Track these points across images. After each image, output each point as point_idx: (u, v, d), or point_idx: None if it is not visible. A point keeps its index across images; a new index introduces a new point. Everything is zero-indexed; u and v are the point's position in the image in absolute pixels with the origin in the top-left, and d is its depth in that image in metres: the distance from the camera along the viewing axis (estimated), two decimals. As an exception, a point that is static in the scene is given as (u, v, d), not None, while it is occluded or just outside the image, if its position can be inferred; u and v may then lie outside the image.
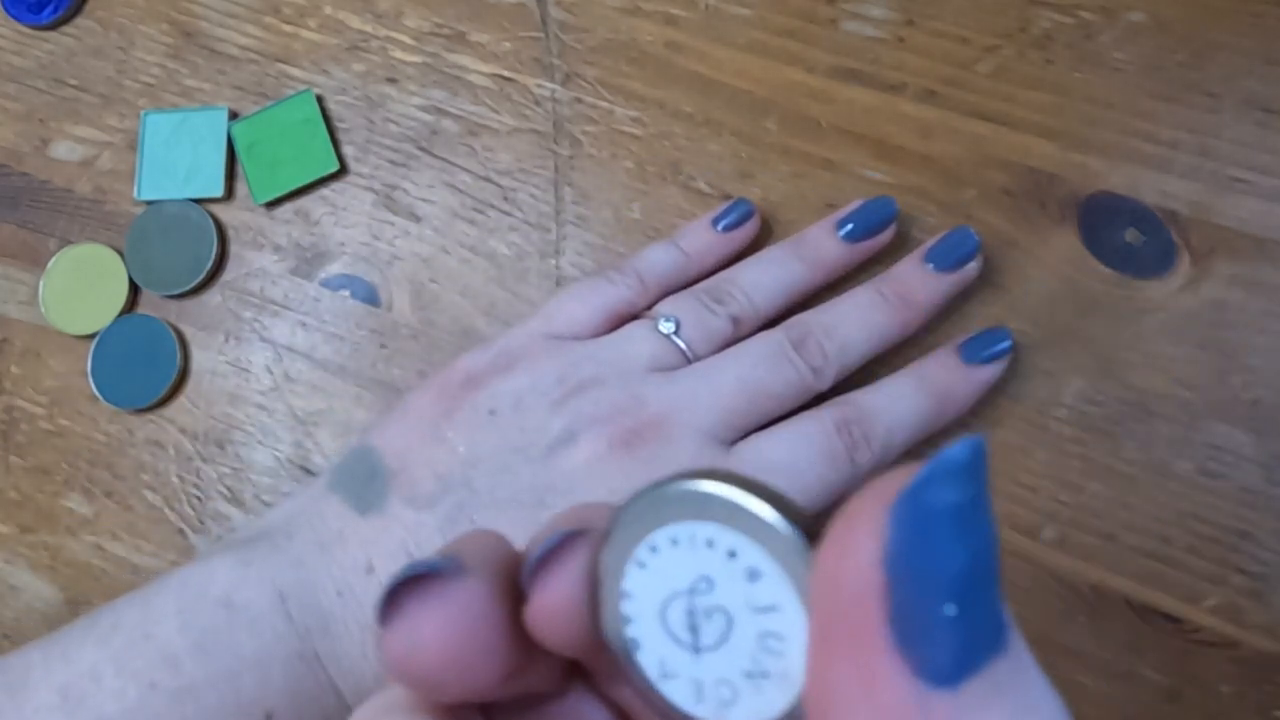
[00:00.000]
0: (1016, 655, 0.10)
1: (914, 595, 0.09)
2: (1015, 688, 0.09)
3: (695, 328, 0.28)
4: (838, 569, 0.10)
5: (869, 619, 0.10)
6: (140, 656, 0.24)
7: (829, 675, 0.10)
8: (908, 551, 0.09)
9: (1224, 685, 0.27)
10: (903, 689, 0.09)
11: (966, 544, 0.09)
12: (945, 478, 0.10)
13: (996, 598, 0.10)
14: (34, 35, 0.38)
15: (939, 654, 0.09)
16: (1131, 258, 0.30)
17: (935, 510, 0.09)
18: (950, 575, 0.09)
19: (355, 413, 0.33)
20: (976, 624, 0.09)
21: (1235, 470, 0.28)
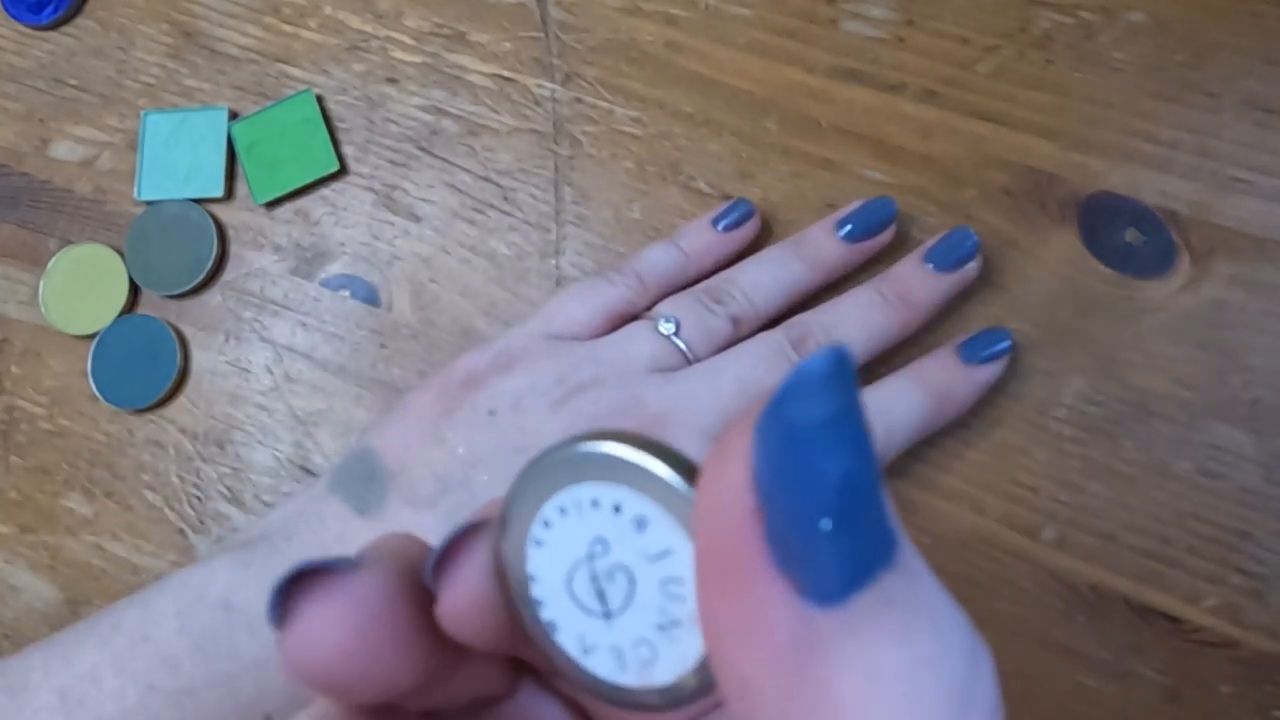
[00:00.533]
0: (906, 567, 0.09)
1: (787, 515, 0.09)
2: (906, 600, 0.09)
3: (695, 328, 0.28)
4: (711, 498, 0.10)
5: (746, 544, 0.09)
6: (140, 658, 0.24)
7: (715, 607, 0.10)
8: (774, 471, 0.09)
9: (1224, 685, 0.27)
10: (788, 611, 0.09)
11: (835, 457, 0.09)
12: (804, 391, 0.09)
13: (880, 511, 0.09)
14: (34, 35, 0.38)
15: (820, 572, 0.09)
16: (1131, 258, 0.30)
17: (797, 426, 0.09)
18: (821, 491, 0.09)
19: (355, 413, 0.33)
20: (858, 539, 0.09)
21: (1235, 470, 0.28)
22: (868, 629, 0.09)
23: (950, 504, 0.29)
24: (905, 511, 0.29)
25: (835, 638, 0.09)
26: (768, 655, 0.09)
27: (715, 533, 0.10)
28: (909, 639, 0.09)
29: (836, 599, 0.09)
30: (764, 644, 0.09)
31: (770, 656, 0.09)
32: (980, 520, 0.29)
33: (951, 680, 0.09)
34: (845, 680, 0.09)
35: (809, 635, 0.09)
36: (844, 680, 0.09)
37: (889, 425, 0.27)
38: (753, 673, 0.09)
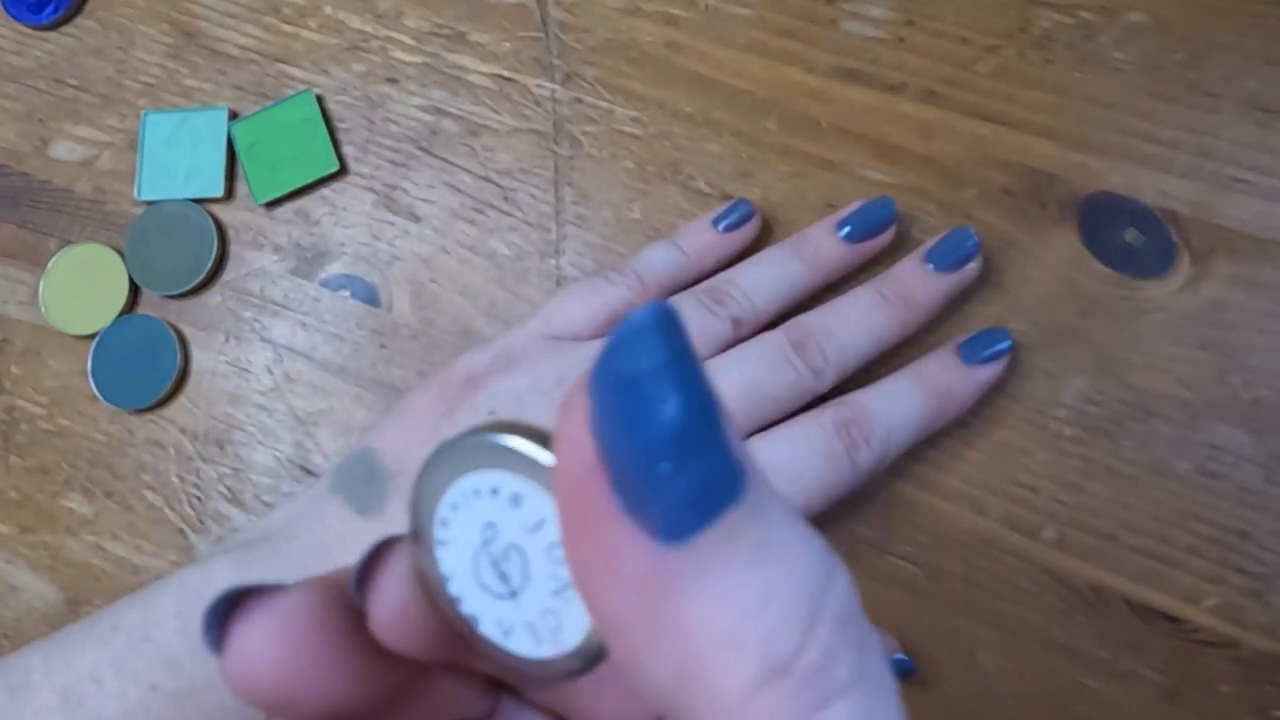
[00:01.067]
0: (755, 502, 0.10)
1: (627, 463, 0.10)
2: (752, 532, 0.10)
3: (695, 329, 0.28)
4: (561, 456, 0.10)
5: (595, 494, 0.10)
6: (141, 658, 0.24)
7: (578, 557, 0.10)
8: (609, 422, 0.10)
9: (1224, 685, 0.27)
10: (639, 551, 0.10)
11: (665, 404, 0.10)
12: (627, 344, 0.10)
13: (722, 450, 0.10)
14: (34, 35, 0.38)
15: (665, 513, 0.10)
16: (1131, 258, 0.30)
17: (624, 378, 0.10)
18: (654, 437, 0.09)
19: (355, 413, 0.33)
20: (697, 479, 0.10)
21: (1235, 470, 0.28)
22: (715, 562, 0.10)
23: (950, 504, 0.29)
24: (905, 511, 0.29)
25: (685, 572, 0.10)
26: (627, 594, 0.10)
27: (567, 488, 0.10)
28: (754, 567, 0.10)
29: (684, 537, 0.10)
30: (623, 584, 0.10)
31: (630, 595, 0.10)
32: (980, 520, 0.29)
33: (797, 599, 0.10)
34: (697, 609, 0.10)
35: (662, 572, 0.10)
36: (696, 609, 0.10)
37: (889, 425, 0.27)
38: (617, 612, 0.10)
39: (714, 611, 0.10)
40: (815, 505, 0.26)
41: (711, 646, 0.10)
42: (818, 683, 0.10)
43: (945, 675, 0.28)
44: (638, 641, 0.10)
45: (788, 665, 0.10)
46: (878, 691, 0.10)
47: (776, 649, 0.10)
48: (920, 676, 0.28)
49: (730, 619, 0.10)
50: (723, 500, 0.10)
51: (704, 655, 0.10)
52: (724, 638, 0.10)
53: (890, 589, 0.29)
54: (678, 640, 0.10)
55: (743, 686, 0.10)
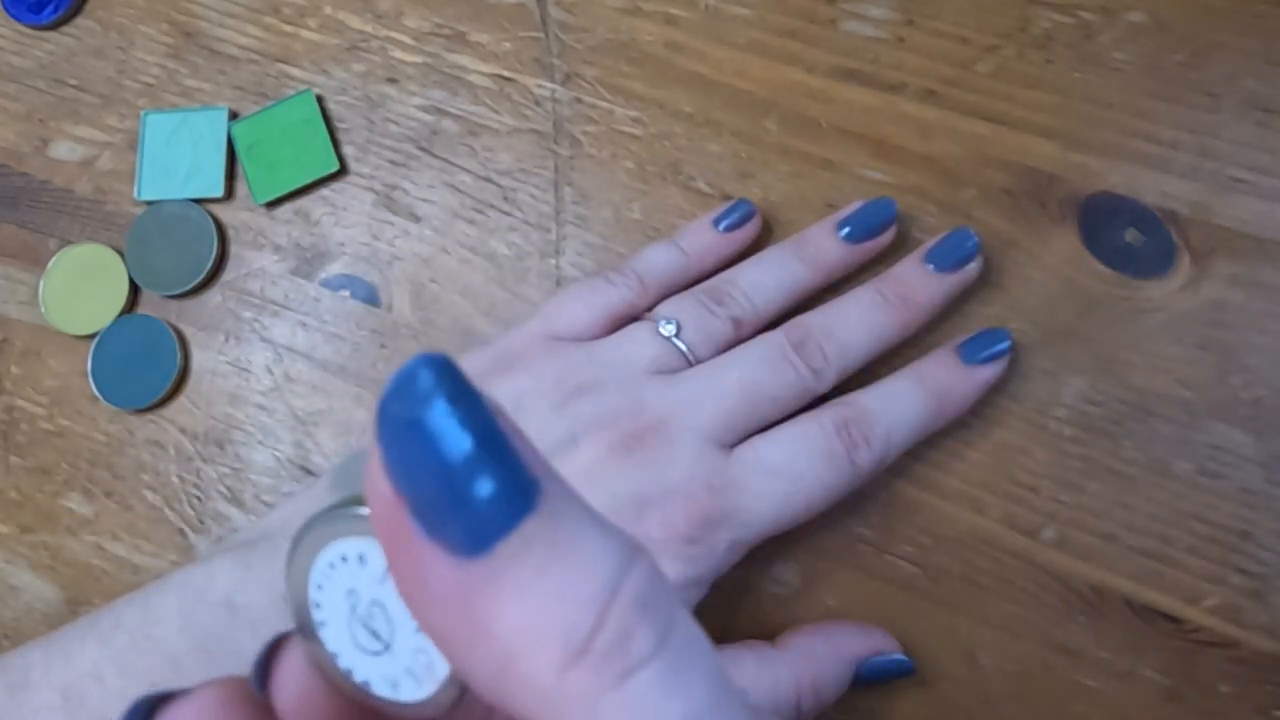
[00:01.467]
0: (550, 510, 0.11)
1: (417, 494, 0.11)
2: (548, 538, 0.11)
3: (696, 330, 0.28)
4: (369, 499, 0.11)
5: (399, 525, 0.11)
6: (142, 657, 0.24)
7: (401, 585, 0.12)
8: (395, 461, 0.11)
9: (1224, 685, 0.27)
10: (443, 568, 0.11)
11: (441, 439, 0.11)
12: (400, 391, 0.11)
13: (510, 467, 0.11)
14: (34, 35, 0.38)
15: (461, 533, 0.11)
16: (1131, 258, 0.30)
17: (400, 421, 0.11)
18: (434, 470, 0.11)
19: (355, 413, 0.33)
20: (486, 499, 0.11)
21: (1235, 470, 0.28)
22: (514, 567, 0.11)
23: (950, 504, 0.29)
24: (905, 511, 0.29)
25: (488, 580, 0.11)
26: (442, 609, 0.11)
27: (379, 526, 0.11)
28: (550, 567, 0.11)
29: (481, 550, 0.11)
30: (436, 600, 0.11)
31: (444, 610, 0.11)
32: (980, 520, 0.29)
33: (591, 589, 0.11)
34: (502, 611, 0.11)
35: (467, 584, 0.11)
36: (501, 612, 0.11)
37: (889, 425, 0.27)
38: (438, 626, 0.11)
39: (517, 610, 0.11)
40: (815, 505, 0.26)
41: (518, 641, 0.11)
42: (617, 657, 0.11)
43: (945, 675, 0.28)
44: (459, 648, 0.11)
45: (586, 646, 0.11)
46: (685, 655, 0.11)
47: (574, 634, 0.11)
48: (920, 676, 0.28)
49: (531, 614, 0.11)
50: (517, 513, 0.11)
51: (513, 650, 0.11)
52: (528, 631, 0.11)
53: (890, 589, 0.29)
54: (489, 641, 0.11)
55: (550, 671, 0.11)
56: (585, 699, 0.11)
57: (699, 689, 0.11)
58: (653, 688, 0.11)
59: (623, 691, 0.11)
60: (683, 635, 0.11)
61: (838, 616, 0.29)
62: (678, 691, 0.11)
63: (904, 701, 0.28)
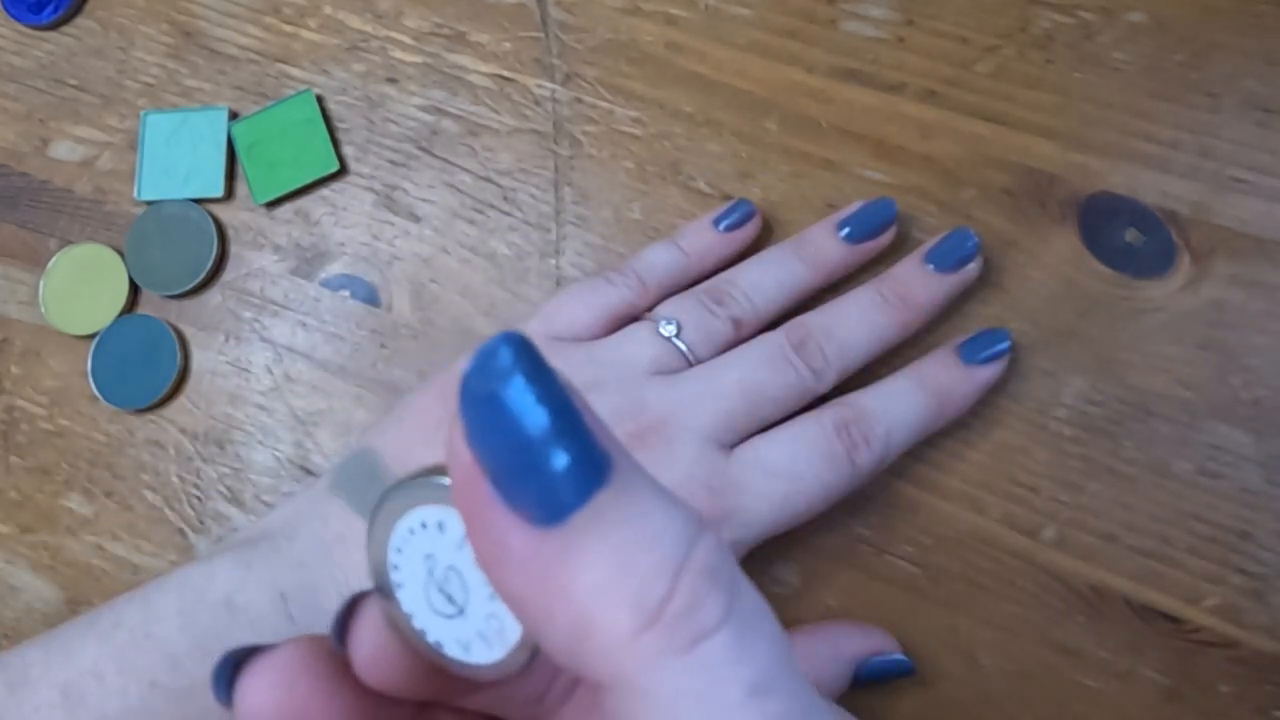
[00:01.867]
0: (622, 484, 0.12)
1: (497, 465, 0.11)
2: (620, 509, 0.11)
3: (696, 330, 0.28)
4: (452, 468, 0.12)
5: (479, 494, 0.12)
6: (142, 655, 0.24)
7: (480, 551, 0.12)
8: (476, 434, 0.12)
9: (1224, 685, 0.27)
10: (521, 535, 0.11)
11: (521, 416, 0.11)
12: (481, 368, 0.12)
13: (584, 443, 0.12)
14: (34, 35, 0.38)
15: (537, 503, 0.11)
16: (1131, 258, 0.30)
17: (480, 398, 0.12)
18: (513, 443, 0.11)
19: (355, 413, 0.33)
20: (563, 470, 0.11)
21: (1235, 470, 0.28)
22: (588, 536, 0.11)
23: (950, 504, 0.29)
24: (905, 511, 0.29)
25: (563, 547, 0.11)
26: (520, 575, 0.12)
27: (460, 495, 0.12)
28: (622, 537, 0.11)
29: (557, 520, 0.11)
30: (514, 566, 0.12)
31: (523, 575, 0.12)
32: (980, 520, 0.29)
33: (661, 558, 0.11)
34: (578, 576, 0.11)
35: (544, 551, 0.11)
36: (577, 576, 0.11)
37: (889, 426, 0.27)
38: (515, 590, 0.12)
39: (591, 577, 0.11)
40: (815, 505, 0.26)
41: (593, 606, 0.11)
42: (688, 624, 0.11)
43: (945, 675, 0.28)
44: (535, 612, 0.12)
45: (659, 612, 0.11)
46: (751, 624, 0.12)
47: (646, 600, 0.11)
48: (920, 676, 0.28)
49: (605, 580, 0.11)
50: (590, 485, 0.11)
51: (588, 613, 0.11)
52: (602, 596, 0.11)
53: (890, 589, 0.29)
54: (566, 605, 0.11)
55: (623, 633, 0.11)
56: (657, 662, 0.11)
57: (764, 655, 0.12)
58: (721, 653, 0.11)
59: (693, 656, 0.11)
60: (748, 604, 0.12)
61: (838, 616, 0.29)
62: (745, 657, 0.11)
63: (904, 701, 0.28)
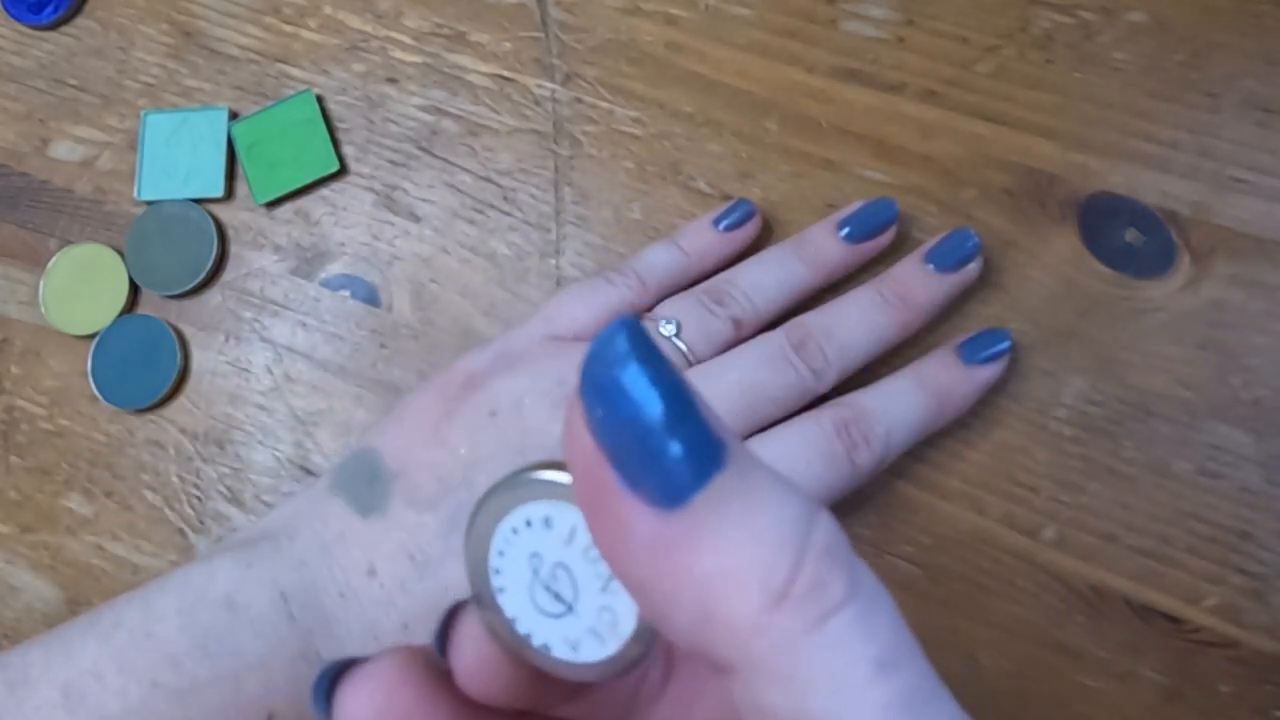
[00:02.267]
0: (739, 467, 0.12)
1: (619, 449, 0.12)
2: (739, 491, 0.12)
3: (696, 330, 0.28)
4: (569, 453, 0.12)
5: (601, 478, 0.12)
6: (142, 655, 0.24)
7: (601, 538, 0.12)
8: (599, 419, 0.12)
9: (1224, 685, 0.27)
10: (645, 519, 0.12)
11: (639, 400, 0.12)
12: (601, 353, 0.12)
13: (699, 427, 0.12)
14: (34, 35, 0.38)
15: (660, 485, 0.11)
16: (1131, 258, 0.30)
17: (601, 384, 0.12)
18: (635, 427, 0.12)
19: (355, 413, 0.33)
20: (682, 453, 0.11)
21: (1235, 470, 0.28)
22: (711, 518, 0.11)
23: (950, 504, 0.29)
24: (905, 511, 0.29)
25: (687, 530, 0.11)
26: (643, 558, 0.12)
27: (580, 480, 0.12)
28: (745, 518, 0.11)
29: (680, 502, 0.11)
30: (638, 550, 0.12)
31: (645, 558, 0.12)
32: (980, 520, 0.29)
33: (784, 538, 0.11)
34: (703, 559, 0.11)
35: (667, 533, 0.11)
36: (702, 559, 0.11)
37: (889, 425, 0.27)
38: (639, 576, 0.12)
39: (716, 558, 0.11)
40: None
41: (720, 587, 0.11)
42: (815, 602, 0.11)
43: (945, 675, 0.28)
44: (660, 597, 0.12)
45: (786, 591, 0.11)
46: (873, 603, 0.12)
47: (773, 580, 0.11)
48: (920, 676, 0.28)
49: (731, 562, 0.11)
50: (709, 468, 0.12)
51: (715, 596, 0.11)
52: (728, 578, 0.11)
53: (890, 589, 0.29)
54: (691, 588, 0.11)
55: (752, 614, 0.11)
56: (787, 640, 0.11)
57: (887, 633, 0.12)
58: (849, 630, 0.11)
59: (822, 634, 0.11)
60: (868, 583, 0.12)
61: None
62: (870, 635, 0.12)
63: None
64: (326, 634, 0.25)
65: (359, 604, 0.26)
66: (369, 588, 0.26)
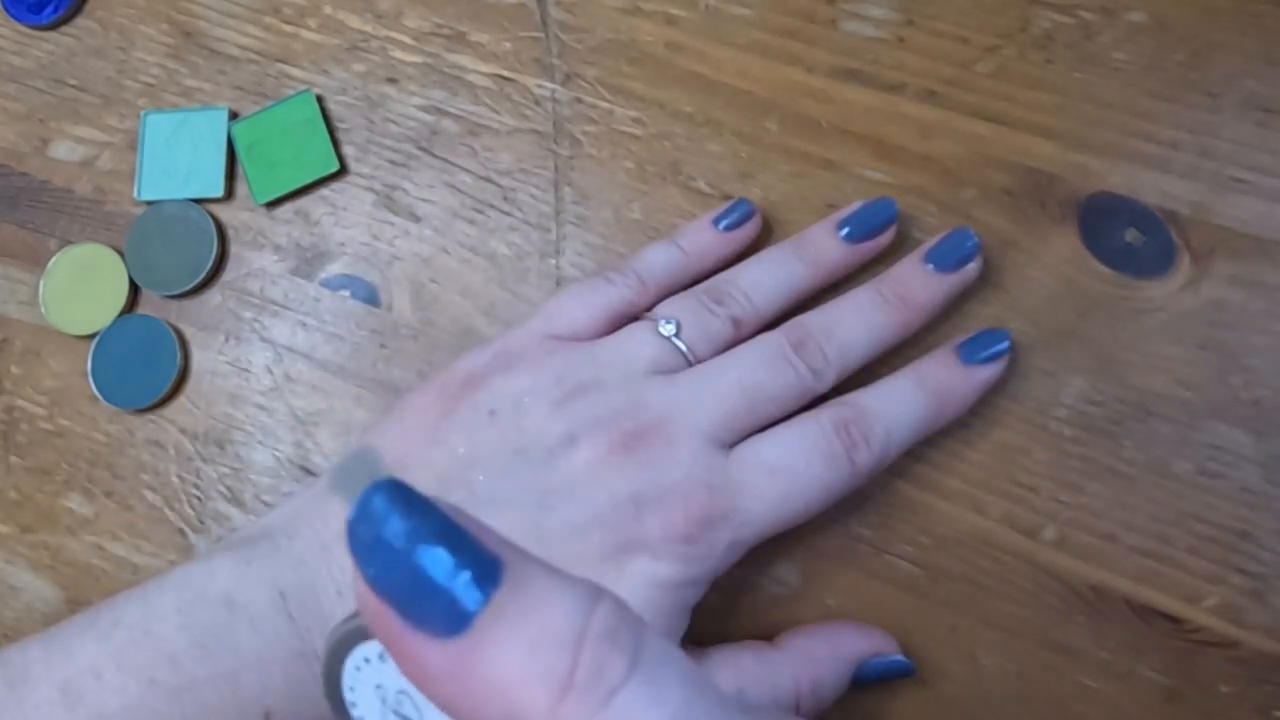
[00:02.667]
0: (515, 579, 0.13)
1: (393, 596, 0.13)
2: (517, 602, 0.13)
3: (696, 329, 0.28)
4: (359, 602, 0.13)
5: (390, 625, 0.13)
6: (140, 653, 0.24)
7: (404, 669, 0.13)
8: (369, 573, 0.13)
9: (1224, 685, 0.27)
10: (433, 650, 0.13)
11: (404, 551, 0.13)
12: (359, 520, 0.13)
13: (471, 555, 0.13)
14: (34, 35, 0.38)
15: (438, 619, 0.12)
16: (1131, 258, 0.30)
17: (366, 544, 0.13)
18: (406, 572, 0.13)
19: (355, 413, 0.33)
20: (457, 585, 0.12)
21: (1235, 470, 0.28)
22: (492, 635, 0.12)
23: (950, 504, 0.29)
24: (905, 511, 0.29)
25: (473, 651, 0.12)
26: (443, 683, 0.13)
27: (375, 627, 0.13)
28: (523, 627, 0.12)
29: (462, 629, 0.12)
30: (437, 677, 0.13)
31: (445, 683, 0.13)
32: (980, 520, 0.29)
33: (560, 635, 0.12)
34: (492, 674, 0.12)
35: (459, 658, 0.12)
36: (491, 674, 0.12)
37: (888, 425, 0.27)
38: (448, 700, 0.13)
39: (504, 669, 0.12)
40: (814, 505, 0.26)
41: (514, 693, 0.12)
42: (597, 685, 0.12)
43: (945, 675, 0.28)
44: (470, 712, 0.13)
45: (569, 682, 0.12)
46: (655, 670, 0.13)
47: (555, 674, 0.12)
48: (920, 676, 0.28)
49: (517, 668, 0.12)
50: (484, 589, 0.13)
51: (512, 700, 0.12)
52: (518, 684, 0.12)
53: (890, 589, 0.29)
54: (492, 699, 0.12)
55: (544, 710, 0.12)
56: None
57: (676, 694, 0.13)
58: (634, 703, 0.12)
59: (609, 712, 0.12)
60: (653, 652, 0.13)
61: (838, 616, 0.29)
62: (657, 701, 0.12)
63: (904, 701, 0.28)
64: (325, 632, 0.25)
65: (358, 603, 0.26)
66: (368, 587, 0.26)
